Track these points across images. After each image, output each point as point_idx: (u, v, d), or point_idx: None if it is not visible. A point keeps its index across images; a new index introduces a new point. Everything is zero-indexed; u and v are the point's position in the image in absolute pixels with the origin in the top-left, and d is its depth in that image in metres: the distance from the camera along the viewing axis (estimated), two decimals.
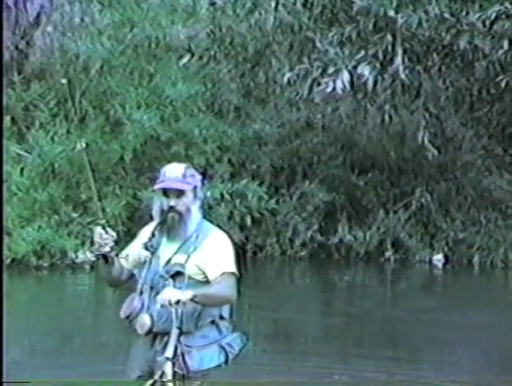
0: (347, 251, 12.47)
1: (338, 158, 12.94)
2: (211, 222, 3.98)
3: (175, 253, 3.82)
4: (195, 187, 3.84)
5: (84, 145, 4.03)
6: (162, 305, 3.71)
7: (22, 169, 12.03)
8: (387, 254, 12.46)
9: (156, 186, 3.85)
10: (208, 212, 11.69)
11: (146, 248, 3.85)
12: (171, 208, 3.80)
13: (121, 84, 12.32)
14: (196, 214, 3.84)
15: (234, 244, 12.07)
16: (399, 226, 12.53)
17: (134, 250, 3.92)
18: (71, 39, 12.48)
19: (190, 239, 3.82)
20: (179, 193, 3.81)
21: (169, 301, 3.68)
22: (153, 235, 3.86)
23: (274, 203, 12.19)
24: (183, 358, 3.74)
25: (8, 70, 12.73)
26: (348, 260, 12.38)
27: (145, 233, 3.93)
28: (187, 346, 3.76)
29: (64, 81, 4.82)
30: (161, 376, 3.74)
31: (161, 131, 11.99)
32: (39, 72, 12.88)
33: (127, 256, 3.89)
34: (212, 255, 3.79)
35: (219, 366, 3.83)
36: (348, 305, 10.04)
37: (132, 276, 3.95)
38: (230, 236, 3.92)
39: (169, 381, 3.73)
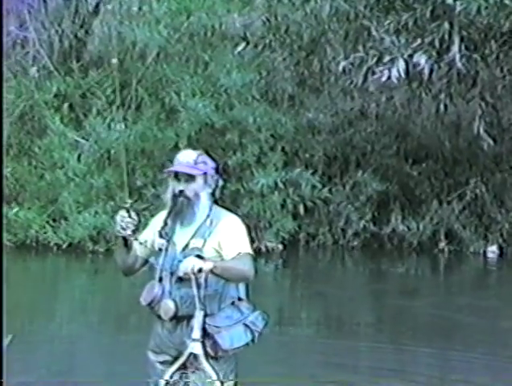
0: (400, 241, 12.42)
1: (392, 148, 12.88)
2: (228, 209, 4.03)
3: (191, 238, 3.88)
4: (205, 173, 3.90)
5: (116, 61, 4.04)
6: (184, 273, 3.76)
7: (79, 155, 12.22)
8: (441, 245, 12.37)
9: (167, 170, 3.94)
10: (261, 200, 11.87)
11: (161, 236, 3.90)
12: (181, 192, 3.88)
13: (177, 71, 12.44)
14: (204, 200, 3.90)
15: (287, 232, 12.09)
16: (453, 217, 12.43)
17: (149, 237, 3.98)
18: (128, 28, 12.62)
19: (204, 224, 3.88)
20: (189, 178, 3.88)
21: (192, 269, 3.74)
22: (165, 223, 3.91)
23: (327, 192, 12.20)
24: (214, 338, 3.80)
25: (67, 58, 12.95)
26: (401, 250, 12.33)
27: (156, 222, 3.98)
28: (215, 326, 3.82)
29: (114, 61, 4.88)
30: (189, 357, 3.79)
31: (215, 119, 12.08)
32: (96, 60, 13.07)
33: (145, 242, 3.95)
34: (227, 237, 3.86)
35: (247, 344, 3.88)
36: (400, 294, 10.00)
37: (145, 263, 4.02)
38: (242, 220, 3.97)
39: (202, 360, 3.76)
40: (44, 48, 12.94)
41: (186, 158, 3.90)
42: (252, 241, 3.98)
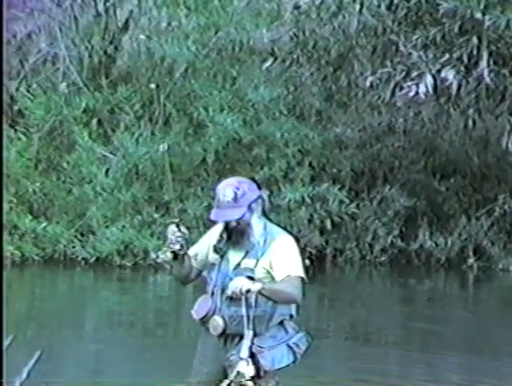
0: (427, 257, 12.33)
1: (420, 163, 12.82)
2: (280, 226, 4.04)
3: (243, 257, 3.90)
4: (249, 205, 3.88)
5: (166, 147, 4.15)
6: (233, 292, 3.79)
7: (107, 170, 12.29)
8: (469, 261, 12.27)
9: (211, 217, 3.90)
10: (288, 215, 11.86)
11: (216, 251, 3.94)
12: (234, 228, 3.88)
13: (205, 86, 12.49)
14: (257, 224, 3.91)
15: (314, 247, 12.03)
16: (482, 233, 12.33)
17: (202, 249, 4.01)
18: (157, 43, 12.70)
19: (258, 243, 3.90)
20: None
21: (240, 290, 3.77)
22: (221, 237, 3.94)
23: (354, 207, 12.16)
24: (256, 358, 3.83)
25: (96, 74, 13.06)
26: (428, 266, 12.24)
27: (213, 234, 4.00)
28: (259, 347, 3.85)
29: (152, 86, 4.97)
30: (236, 376, 3.83)
31: (243, 134, 12.10)
32: (125, 76, 13.15)
33: (196, 255, 3.98)
34: (279, 258, 3.87)
35: (287, 366, 3.91)
36: (428, 310, 9.94)
37: (200, 274, 4.05)
38: (297, 240, 3.99)
39: (246, 381, 3.81)
40: (74, 64, 13.06)
41: (226, 198, 3.86)
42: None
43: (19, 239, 11.78)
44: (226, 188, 3.90)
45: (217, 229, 3.97)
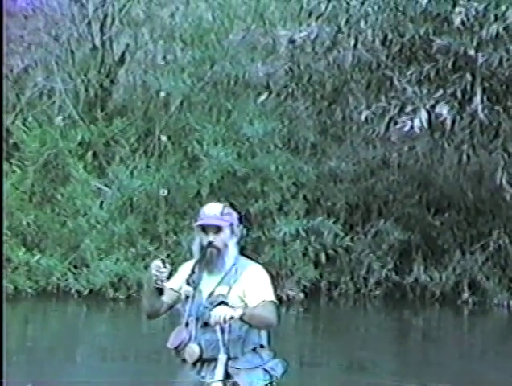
0: (422, 291, 12.32)
1: (414, 197, 12.86)
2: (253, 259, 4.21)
3: (217, 286, 4.05)
4: (231, 224, 4.10)
5: (166, 192, 4.41)
6: (216, 322, 3.90)
7: (101, 202, 12.29)
8: (464, 296, 12.24)
9: (196, 223, 4.11)
10: (283, 248, 11.85)
11: (189, 284, 4.08)
12: (210, 244, 4.04)
13: (200, 120, 12.55)
14: (232, 249, 4.09)
15: (309, 280, 12.00)
16: (476, 268, 12.33)
17: (175, 285, 4.16)
18: (153, 76, 12.77)
19: (230, 272, 4.06)
20: (217, 229, 4.06)
21: (224, 318, 3.89)
22: (193, 271, 4.09)
23: (348, 240, 12.17)
24: (233, 378, 3.97)
25: (92, 107, 13.12)
26: (423, 300, 12.22)
27: (184, 270, 4.17)
28: (236, 368, 4.00)
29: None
30: None
31: (237, 167, 12.13)
32: (121, 109, 13.22)
33: (169, 290, 4.13)
34: (252, 285, 4.04)
35: None
36: (422, 345, 9.89)
37: (170, 308, 4.19)
38: (267, 269, 4.15)
39: None
40: (70, 98, 13.12)
41: (213, 211, 4.10)
42: (273, 289, 4.12)
43: (12, 271, 11.73)
44: (213, 205, 4.16)
45: (187, 266, 4.15)
